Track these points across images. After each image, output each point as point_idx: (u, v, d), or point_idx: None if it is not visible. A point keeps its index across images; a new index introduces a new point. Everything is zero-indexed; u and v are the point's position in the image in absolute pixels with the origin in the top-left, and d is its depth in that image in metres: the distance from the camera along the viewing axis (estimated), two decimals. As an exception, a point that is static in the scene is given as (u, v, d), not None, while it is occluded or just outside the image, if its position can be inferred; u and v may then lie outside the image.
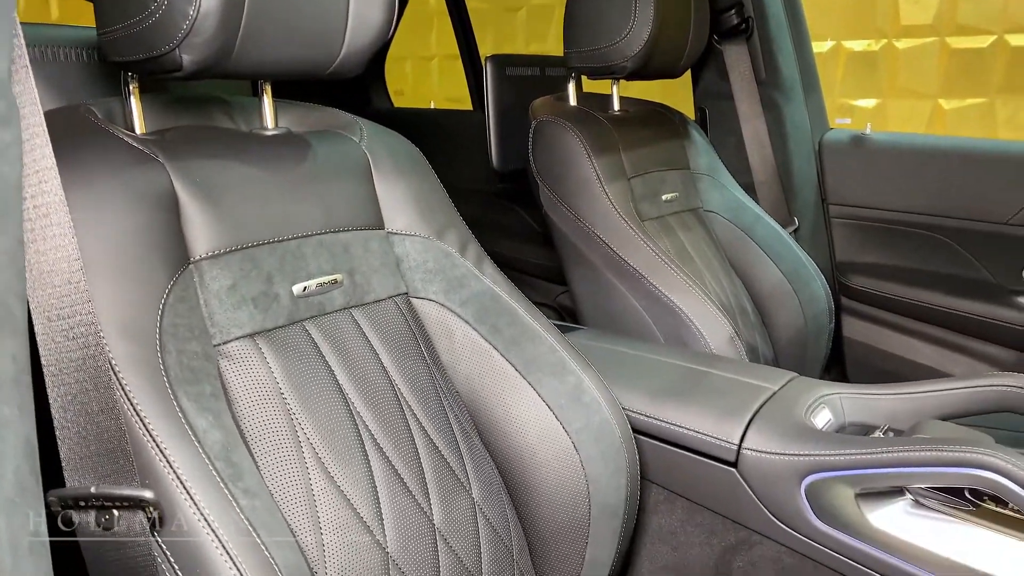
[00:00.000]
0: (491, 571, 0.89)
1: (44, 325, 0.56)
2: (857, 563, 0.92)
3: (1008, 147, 1.76)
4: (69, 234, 0.56)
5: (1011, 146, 1.76)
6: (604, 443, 0.98)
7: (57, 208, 0.55)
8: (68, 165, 0.58)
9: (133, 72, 0.81)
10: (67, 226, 0.56)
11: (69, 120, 0.77)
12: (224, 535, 0.61)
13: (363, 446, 0.82)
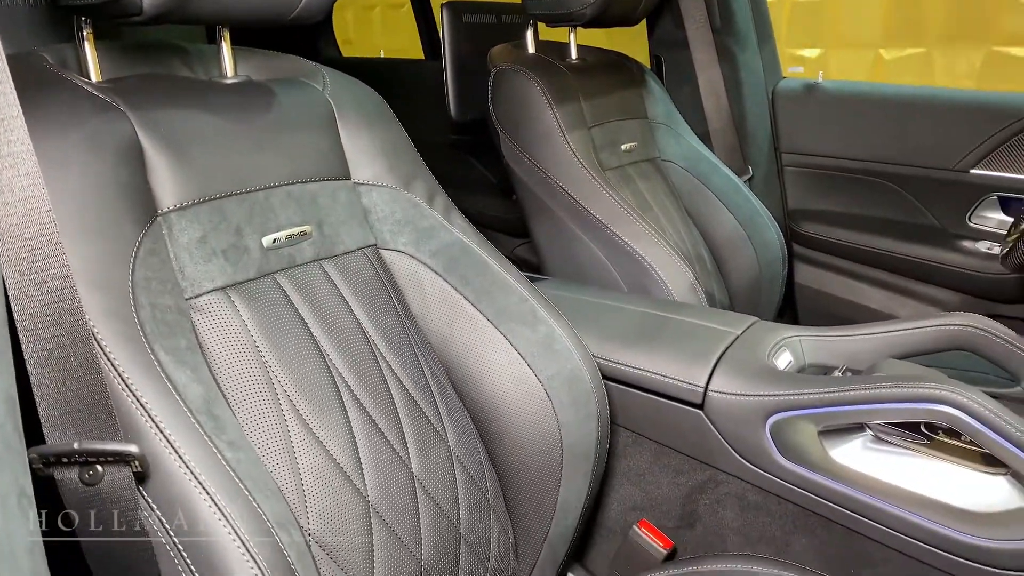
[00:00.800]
0: (468, 516, 0.91)
1: (16, 279, 0.54)
2: (819, 497, 0.96)
3: (955, 95, 1.80)
4: (39, 184, 0.54)
5: (958, 94, 1.81)
6: (575, 390, 1.00)
7: (25, 158, 0.53)
8: (29, 114, 0.55)
9: (87, 17, 0.77)
10: (36, 176, 0.54)
11: (24, 68, 0.74)
12: (211, 487, 0.60)
13: (340, 397, 0.82)
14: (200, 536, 0.59)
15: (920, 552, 0.90)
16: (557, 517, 1.01)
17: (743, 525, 1.03)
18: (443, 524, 0.87)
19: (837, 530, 0.96)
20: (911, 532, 0.90)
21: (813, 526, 0.98)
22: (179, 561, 0.58)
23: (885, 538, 0.92)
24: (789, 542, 1.00)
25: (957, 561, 0.87)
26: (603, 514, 1.13)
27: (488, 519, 0.94)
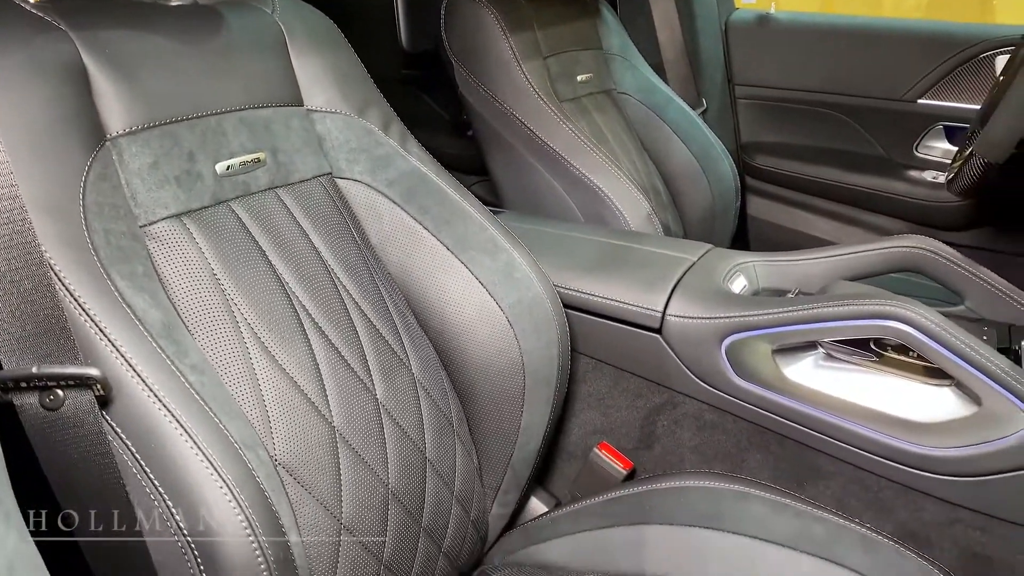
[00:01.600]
0: (433, 441, 0.92)
1: (-39, 201, 0.52)
2: (772, 414, 0.99)
3: (904, 25, 1.82)
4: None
5: (907, 24, 1.82)
6: (537, 317, 1.01)
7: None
8: (-36, 30, 0.53)
9: (21, -69, 0.73)
10: (-22, 94, 0.51)
11: (-48, -17, 0.70)
12: (176, 409, 0.60)
13: (301, 326, 0.82)
14: (167, 458, 0.58)
15: (869, 463, 0.94)
16: (520, 441, 1.03)
17: (700, 444, 1.06)
18: (409, 449, 0.88)
19: (790, 445, 1.00)
20: (861, 444, 0.94)
21: (767, 442, 1.01)
22: (146, 483, 0.58)
23: (836, 451, 0.96)
24: (744, 458, 1.03)
25: (904, 470, 0.91)
26: (564, 438, 1.15)
27: (453, 444, 0.96)
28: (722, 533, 0.95)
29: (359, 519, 0.80)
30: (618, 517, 1.01)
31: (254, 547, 0.59)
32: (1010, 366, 0.85)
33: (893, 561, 0.88)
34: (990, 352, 0.85)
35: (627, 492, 1.04)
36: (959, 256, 1.10)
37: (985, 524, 0.89)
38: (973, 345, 0.86)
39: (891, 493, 0.94)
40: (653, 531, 0.98)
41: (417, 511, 0.88)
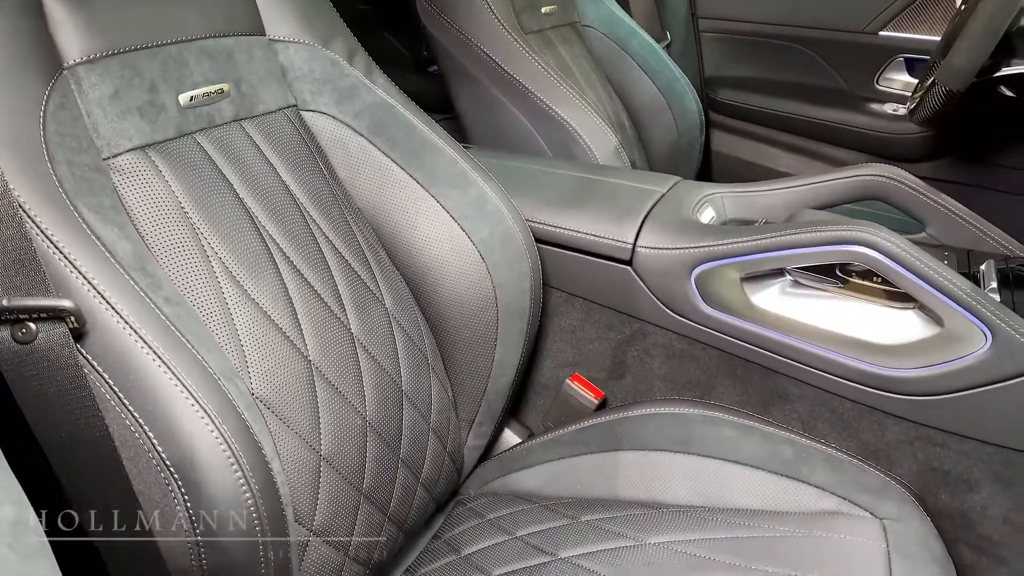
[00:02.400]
0: (409, 374, 0.92)
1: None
2: (740, 340, 1.01)
3: (866, -44, 1.81)
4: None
5: (869, -45, 1.82)
6: (509, 250, 1.01)
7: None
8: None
9: None
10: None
11: None
12: (153, 342, 0.59)
13: (272, 259, 0.81)
14: (146, 390, 0.58)
15: (834, 386, 0.97)
16: (494, 375, 1.04)
17: (669, 372, 1.08)
18: (385, 382, 0.88)
19: (757, 371, 1.02)
20: (826, 368, 0.96)
21: (735, 368, 1.03)
22: (125, 415, 0.58)
23: (802, 375, 0.98)
24: (712, 385, 1.05)
25: (868, 391, 0.94)
26: (537, 371, 1.16)
27: (428, 377, 0.96)
28: (692, 456, 0.97)
29: (338, 451, 0.80)
30: (590, 445, 1.03)
31: (238, 476, 0.59)
32: (971, 287, 0.87)
33: (857, 477, 0.91)
34: (951, 274, 0.88)
35: (599, 421, 1.06)
36: (920, 183, 1.12)
37: (944, 440, 0.92)
38: (935, 267, 0.88)
39: (855, 414, 0.97)
40: (625, 456, 1.01)
41: (395, 442, 0.89)
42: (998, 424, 0.89)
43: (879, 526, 0.84)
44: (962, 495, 0.93)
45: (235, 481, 0.59)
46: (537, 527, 0.95)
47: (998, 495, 0.91)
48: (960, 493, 0.93)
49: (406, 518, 0.92)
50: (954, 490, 0.93)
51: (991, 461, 0.91)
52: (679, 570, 0.83)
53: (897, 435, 0.95)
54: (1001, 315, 0.86)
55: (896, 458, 0.95)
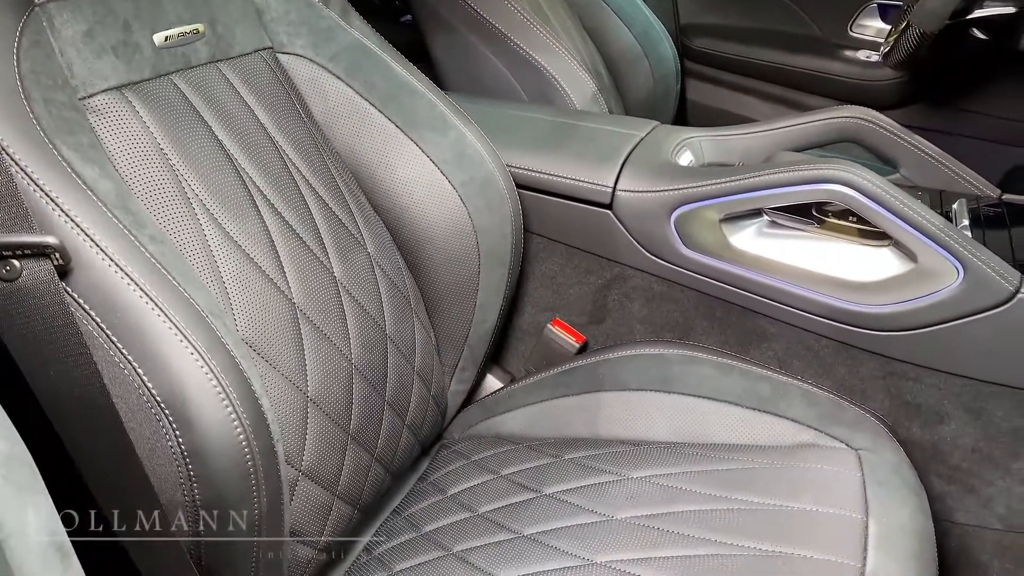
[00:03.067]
0: (392, 318, 0.93)
1: None
2: (719, 281, 1.02)
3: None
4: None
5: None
6: (489, 194, 1.01)
7: None
8: None
9: None
10: None
11: None
12: (139, 279, 0.59)
13: (253, 202, 0.80)
14: (134, 327, 0.58)
15: (810, 323, 0.99)
16: (476, 320, 1.05)
17: (649, 315, 1.09)
18: (369, 325, 0.89)
19: (735, 311, 1.03)
20: (802, 306, 0.98)
21: (713, 309, 1.05)
22: (114, 352, 0.57)
23: (779, 314, 1.00)
24: (691, 326, 1.07)
25: (843, 328, 0.96)
26: (518, 317, 1.17)
27: (411, 321, 0.97)
28: (672, 395, 0.99)
29: (325, 393, 0.81)
30: (572, 387, 1.05)
31: (228, 411, 0.60)
32: (944, 223, 0.89)
33: (832, 411, 0.94)
34: (925, 211, 0.89)
35: (580, 363, 1.07)
36: (894, 124, 1.14)
37: (917, 375, 0.95)
38: (910, 204, 0.89)
39: (830, 351, 0.99)
40: (606, 397, 1.02)
41: (380, 385, 0.89)
42: (968, 357, 0.92)
43: (854, 456, 0.86)
44: (933, 427, 0.96)
45: (226, 416, 0.59)
46: (521, 466, 0.97)
47: (967, 426, 0.94)
48: (931, 425, 0.96)
49: (392, 459, 0.93)
50: (925, 422, 0.96)
51: (961, 393, 0.93)
52: (661, 501, 0.85)
53: (871, 370, 0.97)
54: (973, 250, 0.88)
55: (870, 393, 0.98)
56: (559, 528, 0.85)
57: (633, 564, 0.77)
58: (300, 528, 0.78)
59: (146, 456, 0.59)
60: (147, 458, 0.59)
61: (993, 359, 0.91)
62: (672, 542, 0.79)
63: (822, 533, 0.77)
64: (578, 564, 0.79)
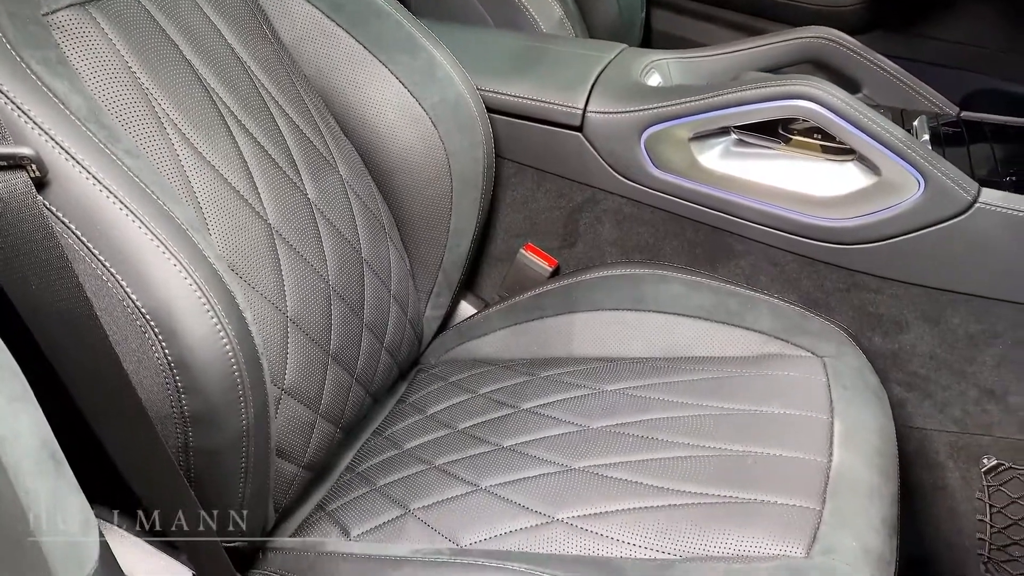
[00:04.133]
0: (367, 241, 0.93)
1: None
2: (688, 201, 1.04)
3: None
4: None
5: None
6: (460, 117, 1.01)
7: None
8: None
9: None
10: None
11: None
12: (118, 192, 0.58)
13: (225, 123, 0.79)
14: (115, 239, 0.58)
15: (776, 239, 1.01)
16: (450, 244, 1.06)
17: (619, 237, 1.11)
18: (345, 248, 0.89)
19: (703, 230, 1.06)
20: (769, 222, 1.00)
21: (682, 228, 1.07)
22: (96, 265, 0.58)
23: (746, 231, 1.02)
24: (661, 247, 1.09)
25: (808, 243, 0.99)
26: (491, 244, 1.18)
27: (386, 245, 0.97)
28: (644, 313, 1.02)
29: (304, 313, 0.81)
30: (546, 309, 1.07)
31: (214, 322, 0.60)
32: (906, 136, 0.91)
33: (798, 322, 0.97)
34: (888, 124, 0.91)
35: (554, 286, 1.09)
36: (857, 44, 1.15)
37: (879, 286, 0.98)
38: (873, 118, 0.91)
39: (796, 266, 1.02)
40: (580, 317, 1.04)
41: (358, 307, 0.90)
42: (928, 267, 0.95)
43: (819, 363, 0.90)
44: (893, 336, 1.00)
45: (212, 327, 0.60)
46: (498, 385, 0.99)
47: (926, 334, 0.98)
48: (892, 334, 1.00)
49: (372, 381, 0.95)
50: (886, 332, 1.00)
51: (920, 302, 0.97)
52: (634, 411, 0.88)
53: (835, 283, 1.01)
54: (933, 162, 0.90)
55: (834, 305, 1.01)
56: (537, 439, 0.87)
57: (610, 468, 0.80)
58: (284, 445, 0.79)
59: (133, 369, 0.60)
60: (134, 371, 0.60)
61: (951, 268, 0.94)
62: (647, 447, 0.82)
63: (790, 433, 0.81)
64: (557, 470, 0.82)
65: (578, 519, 0.75)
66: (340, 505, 0.86)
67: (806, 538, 0.69)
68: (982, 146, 1.02)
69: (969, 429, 1.00)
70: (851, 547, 0.68)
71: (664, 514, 0.74)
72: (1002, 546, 1.00)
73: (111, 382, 0.60)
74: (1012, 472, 0.98)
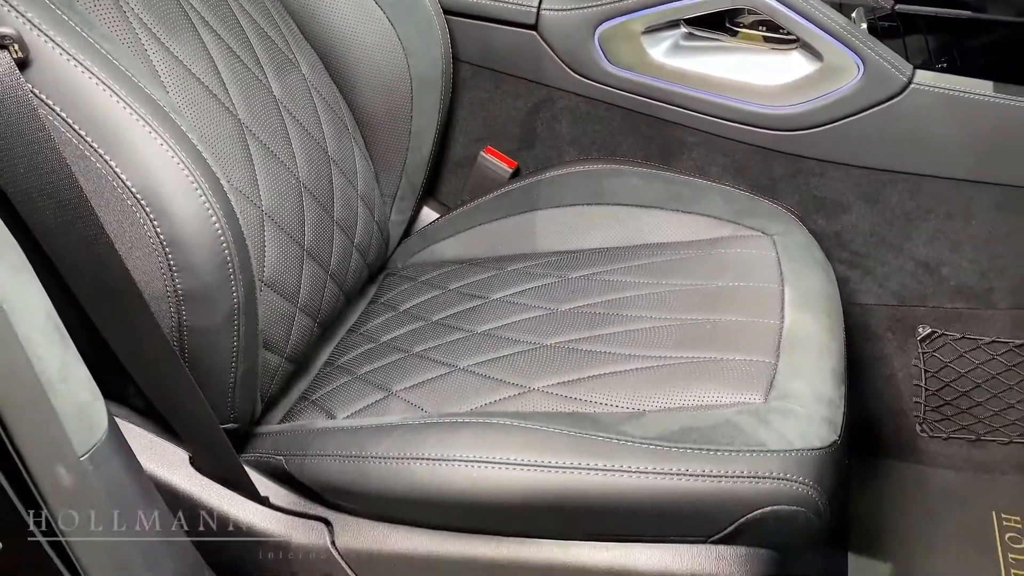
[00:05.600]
0: (333, 141, 0.95)
1: None
2: (642, 96, 1.08)
3: None
4: None
5: None
6: (418, 17, 1.02)
7: None
8: None
9: None
10: None
11: None
12: (99, 72, 0.59)
13: (190, 20, 0.80)
14: (100, 120, 0.59)
15: (726, 130, 1.06)
16: (411, 147, 1.08)
17: (577, 136, 1.15)
18: (312, 146, 0.91)
19: (656, 124, 1.10)
20: (719, 113, 1.05)
21: (636, 124, 1.11)
22: (83, 146, 0.59)
23: (698, 123, 1.07)
24: (617, 142, 1.13)
25: (756, 131, 1.04)
26: (451, 149, 1.20)
27: (351, 145, 0.99)
28: (602, 206, 1.06)
29: (278, 208, 0.84)
30: (509, 208, 1.10)
31: (203, 201, 0.62)
32: (846, 22, 0.96)
33: (748, 206, 1.02)
34: (829, 11, 0.96)
35: (515, 187, 1.13)
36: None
37: (823, 170, 1.04)
38: (815, 5, 0.96)
39: (745, 155, 1.07)
40: (541, 214, 1.08)
41: (328, 205, 0.93)
42: (867, 148, 1.01)
43: (769, 240, 0.96)
44: (836, 217, 1.06)
45: (201, 205, 0.62)
46: (467, 280, 1.03)
47: (866, 213, 1.04)
48: (835, 215, 1.06)
49: (345, 279, 0.98)
50: (830, 213, 1.06)
51: (860, 183, 1.03)
52: (599, 293, 0.93)
53: (781, 170, 1.06)
54: (872, 46, 0.95)
55: (780, 190, 1.07)
56: (509, 323, 0.92)
57: (579, 342, 0.85)
58: (267, 336, 0.82)
59: (126, 251, 0.62)
60: (127, 252, 0.62)
61: (888, 149, 1.00)
62: (612, 322, 0.88)
63: (744, 302, 0.87)
64: (530, 348, 0.86)
65: (552, 387, 0.80)
66: (323, 394, 0.90)
67: (763, 387, 0.75)
68: (916, 36, 1.08)
69: (906, 301, 1.07)
70: (804, 393, 0.74)
71: (631, 376, 0.79)
72: (935, 407, 1.09)
73: (104, 264, 0.61)
74: (944, 339, 1.06)
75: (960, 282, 1.03)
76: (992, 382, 1.05)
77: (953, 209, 1.01)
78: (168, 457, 0.74)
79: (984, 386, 1.05)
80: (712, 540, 0.68)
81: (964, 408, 1.07)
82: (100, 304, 0.64)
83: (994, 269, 1.02)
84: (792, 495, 0.66)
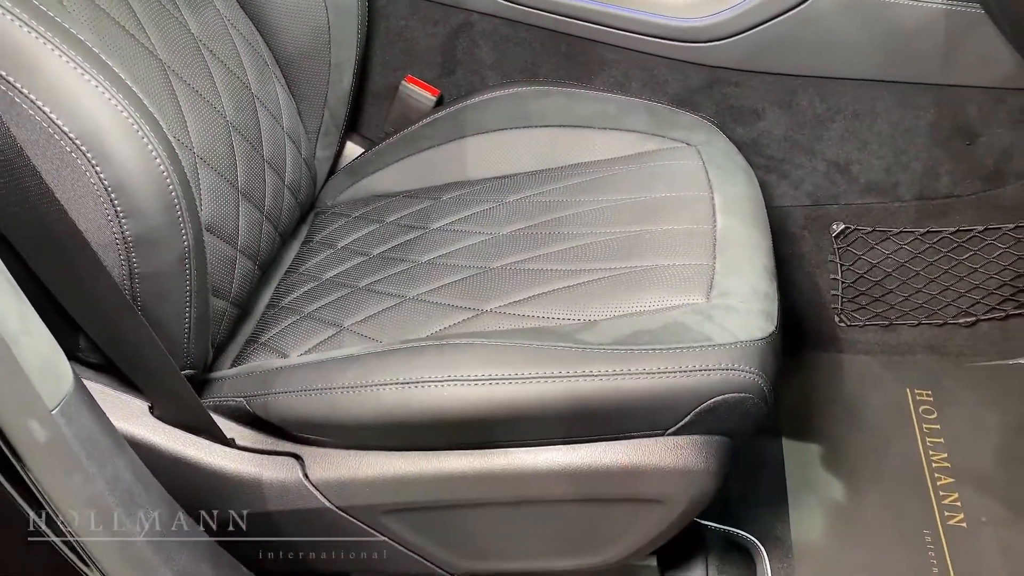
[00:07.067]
0: (255, 78, 0.93)
1: None
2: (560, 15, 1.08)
3: None
4: None
5: None
6: (328, -57, 0.99)
7: None
8: None
9: None
10: None
11: None
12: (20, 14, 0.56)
13: (95, -44, 0.76)
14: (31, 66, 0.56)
15: (644, 45, 1.08)
16: (332, 80, 1.06)
17: (498, 60, 1.15)
18: (235, 84, 0.89)
19: (577, 44, 1.11)
20: (636, 28, 1.06)
21: (558, 45, 1.11)
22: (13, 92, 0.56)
23: (617, 40, 1.08)
24: (539, 65, 1.14)
25: (673, 44, 1.06)
26: (371, 80, 1.18)
27: (272, 82, 0.97)
28: (530, 129, 1.08)
29: (209, 149, 0.82)
30: (436, 137, 1.10)
31: (145, 143, 0.61)
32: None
33: (671, 119, 1.05)
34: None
35: (440, 114, 1.12)
36: None
37: (738, 79, 1.07)
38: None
39: (664, 69, 1.09)
40: (470, 141, 1.09)
41: (257, 143, 0.91)
42: (778, 55, 1.05)
43: (694, 150, 0.99)
44: (752, 124, 1.10)
45: (144, 147, 0.61)
46: (404, 212, 1.03)
47: (780, 118, 1.09)
48: (751, 123, 1.10)
49: (279, 219, 0.97)
50: (746, 121, 1.10)
51: (773, 90, 1.07)
52: (538, 214, 0.95)
53: (699, 82, 1.09)
54: (778, -47, 0.98)
55: (699, 102, 1.10)
56: (453, 251, 0.93)
57: (524, 263, 0.88)
58: (212, 280, 0.81)
59: (69, 200, 0.60)
60: (70, 202, 0.60)
61: (798, 54, 1.04)
62: (553, 240, 0.90)
63: (676, 211, 0.90)
64: (476, 272, 0.88)
65: (505, 307, 0.82)
66: (273, 335, 0.89)
67: (704, 287, 0.79)
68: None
69: (820, 201, 1.13)
70: (743, 289, 0.79)
71: (579, 290, 0.82)
72: (851, 297, 1.17)
73: (46, 216, 0.60)
74: (857, 233, 1.13)
75: (869, 179, 1.10)
76: (901, 270, 1.13)
77: (860, 109, 1.06)
78: (128, 408, 0.74)
79: (894, 274, 1.13)
80: (670, 432, 0.72)
81: (877, 296, 1.16)
82: (45, 258, 0.62)
83: (899, 164, 1.09)
84: (739, 383, 0.71)
